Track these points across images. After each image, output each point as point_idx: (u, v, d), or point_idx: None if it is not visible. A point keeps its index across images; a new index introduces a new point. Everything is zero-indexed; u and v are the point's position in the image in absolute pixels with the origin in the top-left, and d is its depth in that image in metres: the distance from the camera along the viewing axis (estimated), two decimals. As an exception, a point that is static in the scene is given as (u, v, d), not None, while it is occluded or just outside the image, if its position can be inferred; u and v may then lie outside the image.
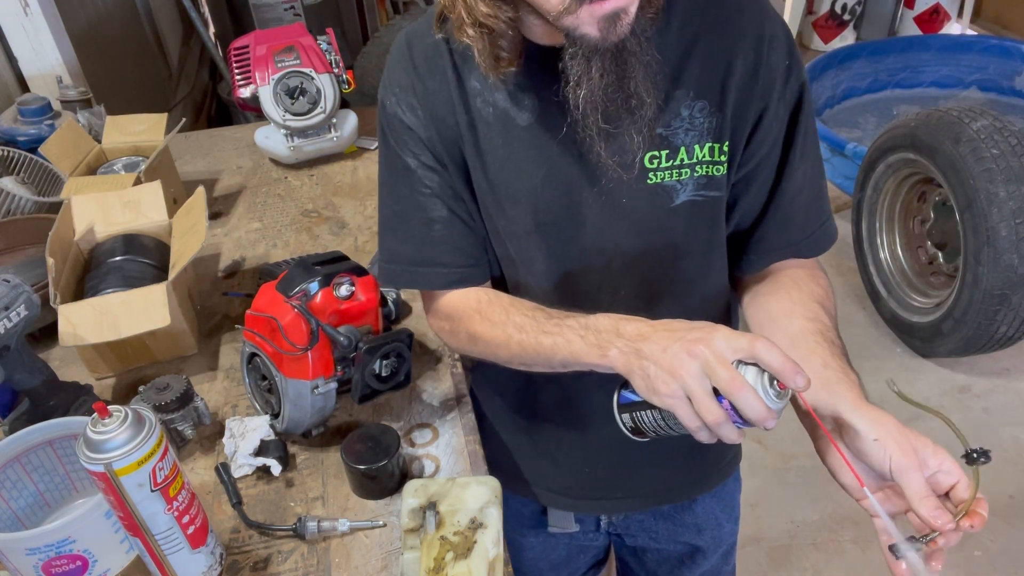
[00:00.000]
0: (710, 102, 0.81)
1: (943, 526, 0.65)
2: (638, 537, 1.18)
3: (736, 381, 0.64)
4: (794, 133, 0.85)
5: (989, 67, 3.76)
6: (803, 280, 0.88)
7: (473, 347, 0.92)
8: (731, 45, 0.80)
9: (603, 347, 0.74)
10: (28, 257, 1.35)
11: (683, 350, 0.66)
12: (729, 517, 1.19)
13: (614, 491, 1.09)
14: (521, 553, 1.21)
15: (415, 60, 0.86)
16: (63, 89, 1.77)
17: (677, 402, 0.67)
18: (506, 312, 0.86)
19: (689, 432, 0.68)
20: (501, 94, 0.83)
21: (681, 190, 0.84)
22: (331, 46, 1.71)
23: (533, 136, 0.83)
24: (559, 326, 0.79)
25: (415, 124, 0.86)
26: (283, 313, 0.96)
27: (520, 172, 0.85)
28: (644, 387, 0.70)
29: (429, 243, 0.90)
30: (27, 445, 0.92)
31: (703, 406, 0.65)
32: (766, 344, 0.64)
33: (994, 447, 2.33)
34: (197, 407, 1.03)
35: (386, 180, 0.92)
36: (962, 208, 2.27)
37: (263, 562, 0.91)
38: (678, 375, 0.66)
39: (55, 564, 0.81)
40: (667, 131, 0.81)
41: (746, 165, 0.86)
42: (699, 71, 0.81)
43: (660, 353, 0.68)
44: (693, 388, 0.66)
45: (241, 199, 1.64)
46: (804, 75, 0.84)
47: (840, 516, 2.19)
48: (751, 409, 0.63)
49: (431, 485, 0.87)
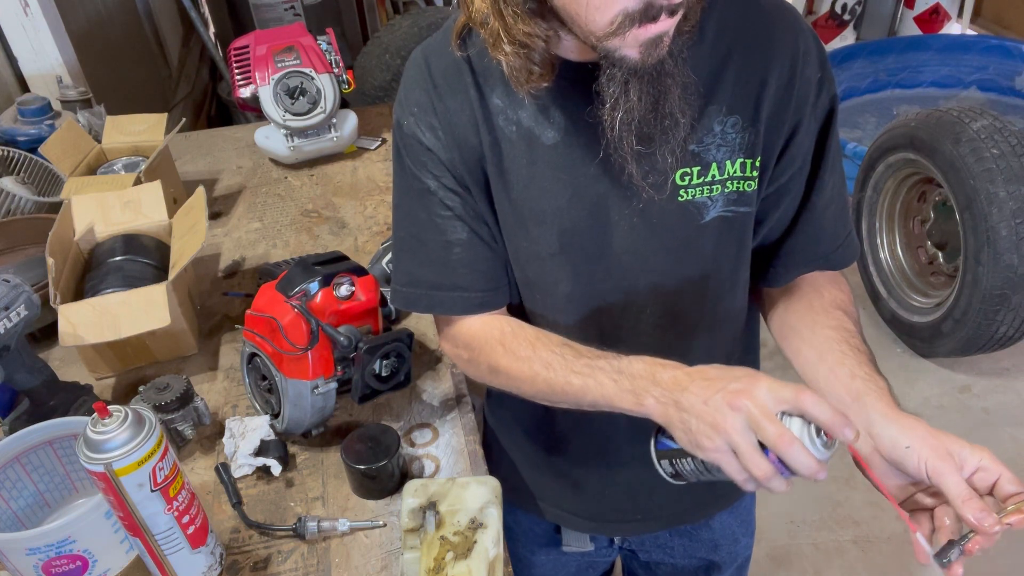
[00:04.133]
0: (743, 117, 0.79)
1: (990, 528, 0.64)
2: (652, 552, 1.17)
3: (785, 437, 0.62)
4: (825, 146, 0.84)
5: (989, 67, 3.76)
6: (824, 287, 0.87)
7: (494, 379, 0.89)
8: (766, 60, 0.78)
9: (638, 395, 0.72)
10: (28, 257, 1.35)
11: (725, 403, 0.65)
12: (745, 532, 1.18)
13: (634, 514, 1.07)
14: (530, 571, 1.19)
15: (434, 78, 0.82)
16: (63, 89, 1.77)
17: (723, 456, 0.66)
18: (532, 347, 0.83)
19: (735, 482, 0.67)
20: (525, 112, 0.80)
21: (712, 206, 0.82)
22: (331, 46, 1.71)
23: (559, 155, 0.80)
24: (590, 367, 0.77)
25: (435, 145, 0.82)
26: (283, 313, 0.96)
27: (545, 192, 0.82)
28: (686, 440, 0.68)
29: (449, 267, 0.87)
30: (27, 445, 0.91)
31: (751, 462, 0.64)
32: (812, 397, 0.63)
33: (994, 447, 2.32)
34: (197, 407, 1.03)
35: (401, 202, 0.89)
36: (962, 208, 2.27)
37: (263, 562, 0.91)
38: (722, 430, 0.65)
39: (55, 564, 0.81)
40: (699, 147, 0.79)
41: (777, 180, 0.84)
42: (732, 86, 0.79)
43: (701, 406, 0.66)
44: (739, 443, 0.64)
45: (241, 199, 1.64)
46: (835, 88, 0.83)
47: (840, 516, 2.19)
48: (801, 464, 0.62)
49: (431, 485, 0.87)
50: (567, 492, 1.07)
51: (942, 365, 2.63)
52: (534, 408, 1.02)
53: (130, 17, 3.02)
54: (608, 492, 1.05)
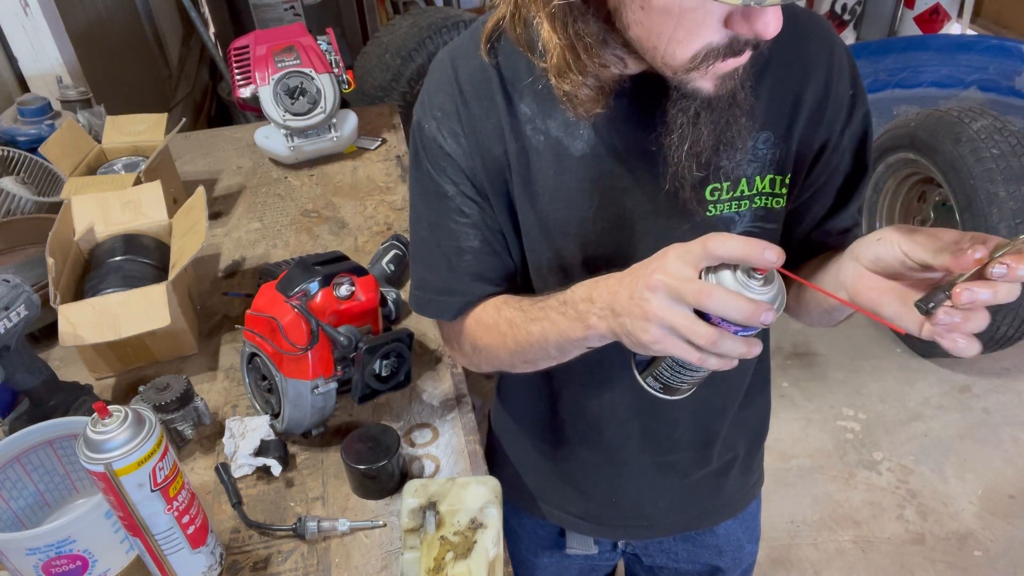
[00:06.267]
0: (775, 133, 0.78)
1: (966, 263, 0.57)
2: (656, 557, 1.16)
3: (703, 290, 0.59)
4: (864, 165, 0.83)
5: (989, 67, 3.76)
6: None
7: (477, 357, 0.89)
8: (801, 76, 0.77)
9: (583, 318, 0.70)
10: (28, 257, 1.35)
11: (644, 287, 0.63)
12: (750, 538, 1.17)
13: (641, 520, 1.06)
14: (533, 573, 1.19)
15: (461, 84, 0.80)
16: (63, 89, 1.77)
17: (666, 343, 0.63)
18: (497, 310, 0.83)
19: (700, 367, 0.64)
20: (555, 122, 0.78)
21: (739, 222, 0.81)
22: (331, 46, 1.71)
23: (587, 167, 0.79)
24: (543, 309, 0.76)
25: (456, 152, 0.81)
26: (283, 313, 0.96)
27: (571, 203, 0.80)
28: (632, 344, 0.66)
29: (457, 272, 0.86)
30: (27, 445, 0.91)
31: (690, 332, 0.61)
32: (717, 238, 0.60)
33: (994, 447, 2.33)
34: (197, 407, 1.03)
35: (416, 203, 0.87)
36: (962, 208, 2.27)
37: (263, 562, 0.91)
38: (650, 315, 0.62)
39: (55, 564, 0.81)
40: (731, 163, 0.78)
41: (802, 196, 0.83)
42: (767, 101, 0.77)
43: (628, 302, 0.64)
44: (670, 319, 0.61)
45: (241, 199, 1.64)
46: (867, 104, 0.81)
47: (840, 516, 2.19)
48: (733, 308, 0.59)
49: (431, 485, 0.87)
50: (573, 497, 1.06)
51: (942, 365, 2.64)
52: (540, 414, 1.02)
53: (130, 17, 3.02)
54: (616, 500, 1.04)
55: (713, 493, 1.07)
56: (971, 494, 2.21)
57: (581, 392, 0.95)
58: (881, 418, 2.47)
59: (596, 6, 0.67)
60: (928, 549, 2.09)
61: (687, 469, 1.01)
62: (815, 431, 2.44)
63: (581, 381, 0.94)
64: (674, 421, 0.95)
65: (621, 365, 0.78)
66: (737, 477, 1.07)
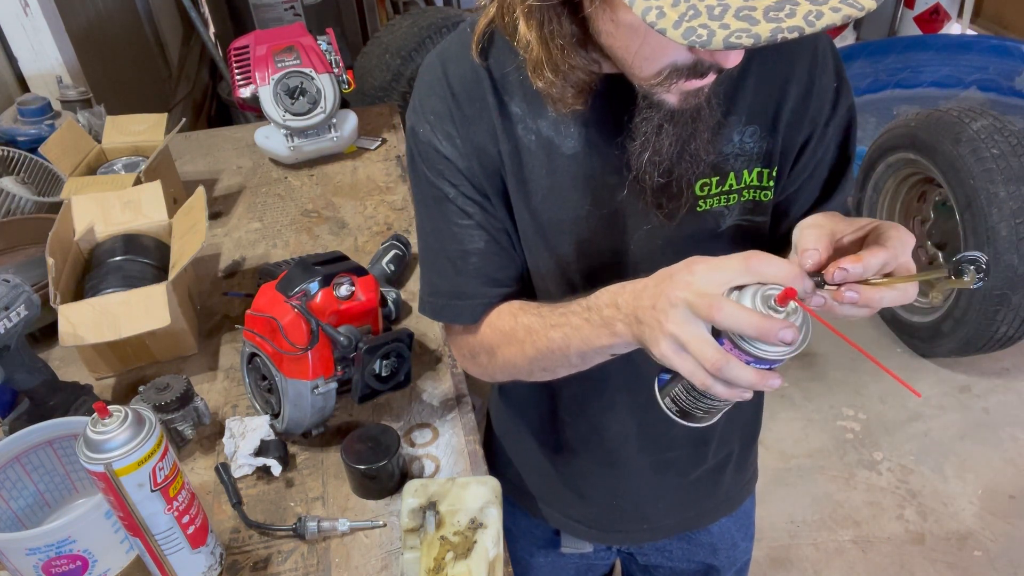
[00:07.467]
0: (761, 127, 0.79)
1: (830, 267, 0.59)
2: (651, 556, 1.16)
3: (714, 303, 0.57)
4: (847, 157, 0.84)
5: (989, 67, 3.76)
6: None
7: (493, 366, 0.87)
8: (785, 69, 0.78)
9: (609, 324, 0.69)
10: (28, 257, 1.35)
11: (665, 298, 0.61)
12: (744, 536, 1.18)
13: (640, 523, 1.07)
14: (528, 573, 1.19)
15: (452, 86, 0.80)
16: (63, 89, 1.77)
17: (675, 360, 0.61)
18: (514, 317, 0.82)
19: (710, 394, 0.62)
20: (545, 121, 0.79)
21: (728, 215, 0.82)
22: (331, 46, 1.71)
23: (578, 164, 0.79)
24: (564, 315, 0.75)
25: (452, 154, 0.81)
26: (283, 313, 0.96)
27: (564, 201, 0.81)
28: (655, 354, 0.64)
29: (464, 275, 0.85)
30: (27, 445, 0.92)
31: (697, 352, 0.59)
32: (761, 257, 0.58)
33: (994, 447, 2.33)
34: (197, 407, 1.03)
35: (419, 210, 0.88)
36: (962, 208, 2.27)
37: (263, 562, 0.91)
38: (664, 329, 0.61)
39: (55, 564, 0.81)
40: (718, 158, 0.79)
41: (787, 190, 0.84)
42: (752, 96, 0.78)
43: (650, 312, 0.63)
44: (680, 335, 0.59)
45: (241, 199, 1.64)
46: (852, 97, 0.82)
47: (840, 516, 2.19)
48: (745, 322, 0.56)
49: (431, 485, 0.87)
50: (573, 499, 1.06)
51: (942, 365, 2.63)
52: (540, 415, 1.02)
53: (130, 17, 3.02)
54: (616, 502, 1.04)
55: (710, 491, 1.07)
56: (971, 494, 2.21)
57: (581, 391, 0.95)
58: (881, 418, 2.47)
59: (571, 9, 0.68)
60: (928, 549, 2.09)
61: (684, 467, 1.02)
62: (815, 431, 2.44)
63: (581, 379, 0.94)
64: (669, 418, 0.96)
65: (621, 362, 0.78)
66: (733, 474, 1.08)
